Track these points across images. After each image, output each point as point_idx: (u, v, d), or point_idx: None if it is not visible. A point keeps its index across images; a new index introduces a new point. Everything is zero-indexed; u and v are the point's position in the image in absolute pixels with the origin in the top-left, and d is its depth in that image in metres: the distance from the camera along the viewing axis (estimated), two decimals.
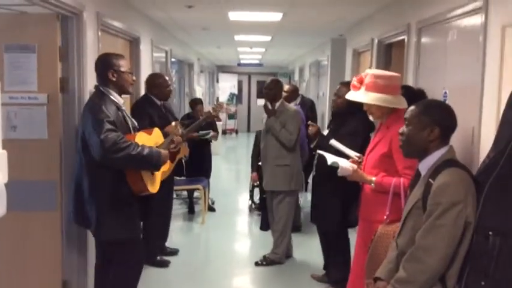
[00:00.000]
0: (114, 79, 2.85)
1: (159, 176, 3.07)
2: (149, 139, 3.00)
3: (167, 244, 4.61)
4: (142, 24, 5.19)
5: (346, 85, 3.67)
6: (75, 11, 3.18)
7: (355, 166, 2.77)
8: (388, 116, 2.68)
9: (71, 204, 2.93)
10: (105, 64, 2.88)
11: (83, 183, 2.80)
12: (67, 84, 3.23)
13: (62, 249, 3.23)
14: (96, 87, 2.91)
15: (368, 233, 2.62)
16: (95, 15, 3.57)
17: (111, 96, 2.84)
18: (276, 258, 4.37)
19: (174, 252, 4.59)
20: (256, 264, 4.37)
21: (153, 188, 2.99)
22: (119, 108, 2.85)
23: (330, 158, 2.84)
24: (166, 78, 4.31)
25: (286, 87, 5.70)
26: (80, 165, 2.81)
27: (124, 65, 2.92)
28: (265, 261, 4.37)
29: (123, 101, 2.95)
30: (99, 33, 3.63)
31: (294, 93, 5.82)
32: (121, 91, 2.92)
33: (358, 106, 3.59)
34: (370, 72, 2.73)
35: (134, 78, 3.04)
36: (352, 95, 2.78)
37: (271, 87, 4.30)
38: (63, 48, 3.21)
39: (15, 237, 3.19)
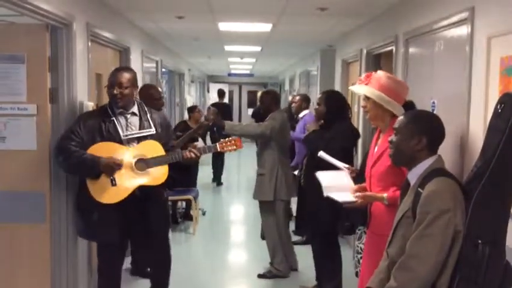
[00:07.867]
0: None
1: (123, 188, 2.88)
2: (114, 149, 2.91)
3: None
4: (133, 34, 5.20)
5: (326, 93, 3.76)
6: (65, 22, 3.18)
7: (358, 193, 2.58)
8: (389, 124, 2.47)
9: None
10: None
11: None
12: (56, 94, 3.21)
13: (51, 262, 3.18)
14: None
15: (380, 246, 2.41)
16: (85, 25, 3.56)
17: (108, 109, 3.01)
18: (276, 272, 4.29)
19: None
20: (259, 276, 4.31)
21: (105, 198, 2.87)
22: (104, 120, 2.94)
23: (326, 190, 2.66)
24: (159, 89, 4.25)
25: (296, 97, 5.79)
26: None
27: (108, 79, 3.00)
28: (268, 274, 4.31)
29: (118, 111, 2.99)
30: (89, 44, 3.63)
31: (305, 102, 5.63)
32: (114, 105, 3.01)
33: (340, 114, 3.66)
34: (382, 72, 2.67)
35: (115, 92, 2.93)
36: (353, 87, 2.71)
37: (263, 101, 4.50)
38: (53, 58, 3.19)
39: (2, 249, 3.15)
